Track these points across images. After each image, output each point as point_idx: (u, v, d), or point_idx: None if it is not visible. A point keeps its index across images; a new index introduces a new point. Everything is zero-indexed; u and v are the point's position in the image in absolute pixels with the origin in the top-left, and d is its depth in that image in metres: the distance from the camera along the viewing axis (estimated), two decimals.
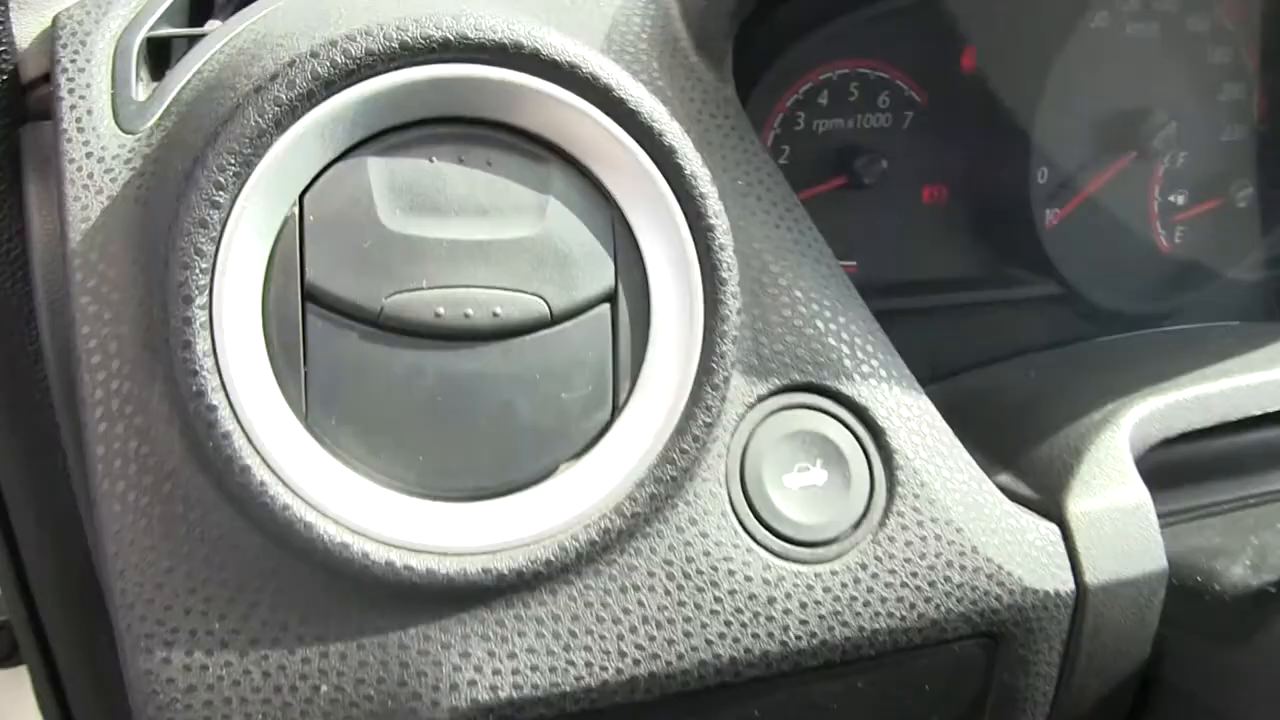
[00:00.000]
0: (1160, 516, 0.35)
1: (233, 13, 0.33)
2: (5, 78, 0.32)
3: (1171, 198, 0.55)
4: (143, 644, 0.28)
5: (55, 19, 0.32)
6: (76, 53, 0.31)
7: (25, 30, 0.34)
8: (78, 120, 0.30)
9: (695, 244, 0.30)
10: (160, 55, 0.34)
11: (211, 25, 0.35)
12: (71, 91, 0.31)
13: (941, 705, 0.34)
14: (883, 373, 0.33)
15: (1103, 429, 0.36)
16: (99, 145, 0.30)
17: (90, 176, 0.30)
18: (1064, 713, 0.36)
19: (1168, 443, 0.38)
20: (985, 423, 0.38)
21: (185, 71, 0.31)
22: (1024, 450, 0.37)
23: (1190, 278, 0.55)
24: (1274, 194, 0.55)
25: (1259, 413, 0.38)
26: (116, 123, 0.30)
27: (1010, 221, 0.52)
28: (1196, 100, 0.55)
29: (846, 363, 0.32)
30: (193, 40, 0.32)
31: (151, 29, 0.32)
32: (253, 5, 0.33)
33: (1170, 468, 0.40)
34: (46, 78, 0.33)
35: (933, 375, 0.47)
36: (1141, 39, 0.53)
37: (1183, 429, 0.37)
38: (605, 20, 0.33)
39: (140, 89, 0.31)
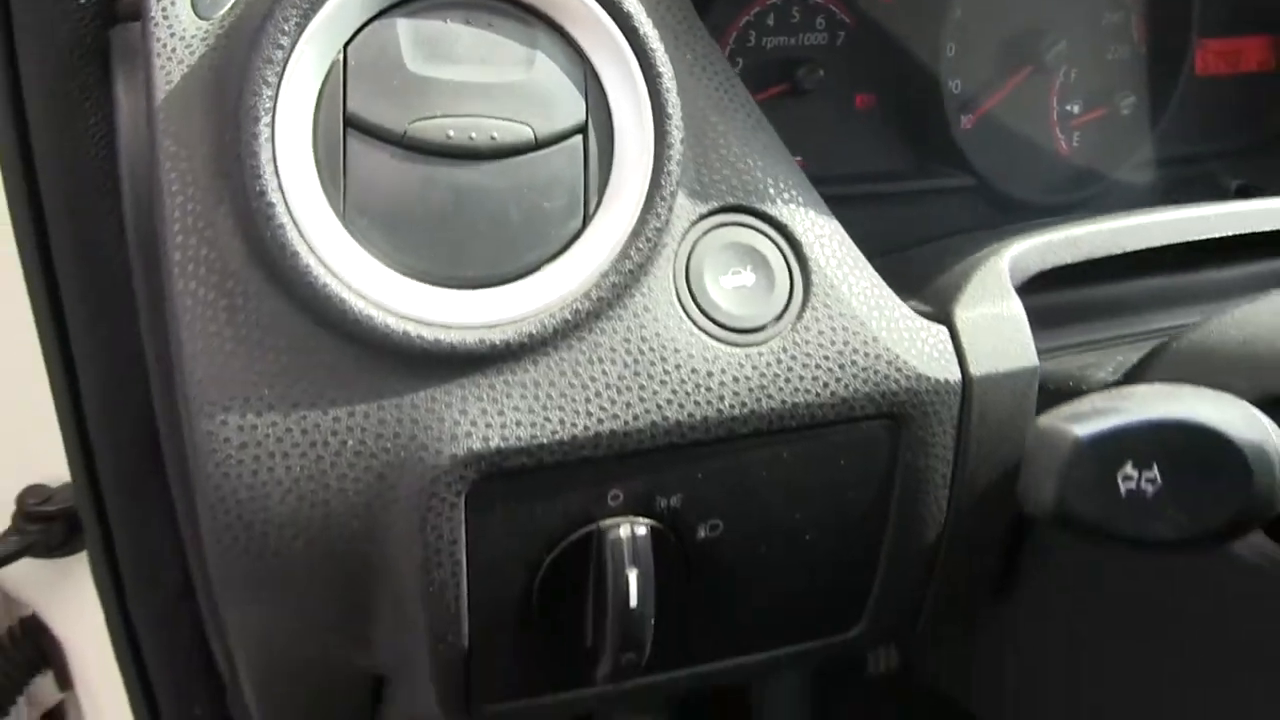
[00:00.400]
0: (1043, 351, 0.43)
1: None
2: None
3: (1068, 106, 0.63)
4: (205, 410, 0.35)
5: None
6: None
7: None
8: (163, 12, 0.38)
9: (649, 89, 0.38)
10: None
11: None
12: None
13: (856, 482, 0.41)
14: (801, 200, 0.40)
15: (986, 260, 0.44)
16: (181, 29, 0.37)
17: (173, 52, 0.37)
18: (962, 497, 0.43)
19: (1051, 286, 0.46)
20: (896, 268, 0.46)
21: None
22: (923, 281, 0.45)
23: (1088, 176, 0.64)
24: (1153, 104, 0.65)
25: (1119, 251, 0.46)
26: (195, 13, 0.38)
27: (930, 125, 0.60)
28: (1084, 24, 0.64)
29: (771, 191, 0.40)
30: None
31: None
32: None
33: (1056, 310, 0.48)
34: None
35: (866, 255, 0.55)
36: None
37: (1055, 263, 0.45)
38: None
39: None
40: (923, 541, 0.43)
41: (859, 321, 0.40)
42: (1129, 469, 0.28)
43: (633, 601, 0.36)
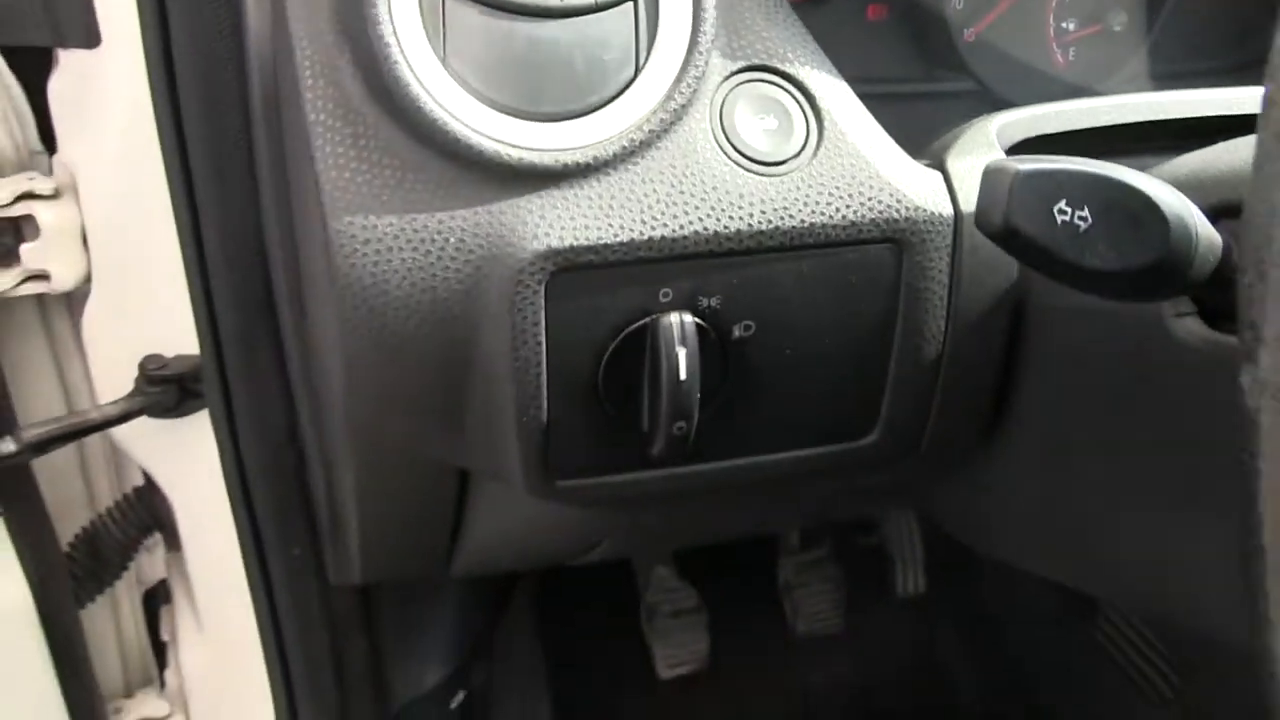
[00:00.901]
0: None
1: None
2: None
3: (1064, 24, 0.71)
4: (336, 214, 0.44)
5: None
6: None
7: None
8: None
9: None
10: None
11: None
12: None
13: (866, 298, 0.50)
14: (816, 64, 0.49)
15: (977, 123, 0.52)
16: None
17: None
18: (958, 320, 0.51)
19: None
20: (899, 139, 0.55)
21: None
22: (923, 144, 0.53)
23: (1083, 87, 0.72)
24: (1144, 22, 0.73)
25: (1108, 123, 0.54)
26: None
27: (935, 36, 0.69)
28: None
29: (791, 55, 0.49)
30: None
31: None
32: None
33: None
34: None
35: None
36: None
37: (1039, 131, 0.53)
38: None
39: None
40: (925, 358, 0.51)
41: (865, 160, 0.48)
42: (1064, 205, 0.36)
43: (682, 374, 0.45)
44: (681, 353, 0.45)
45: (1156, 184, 0.37)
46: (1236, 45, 0.78)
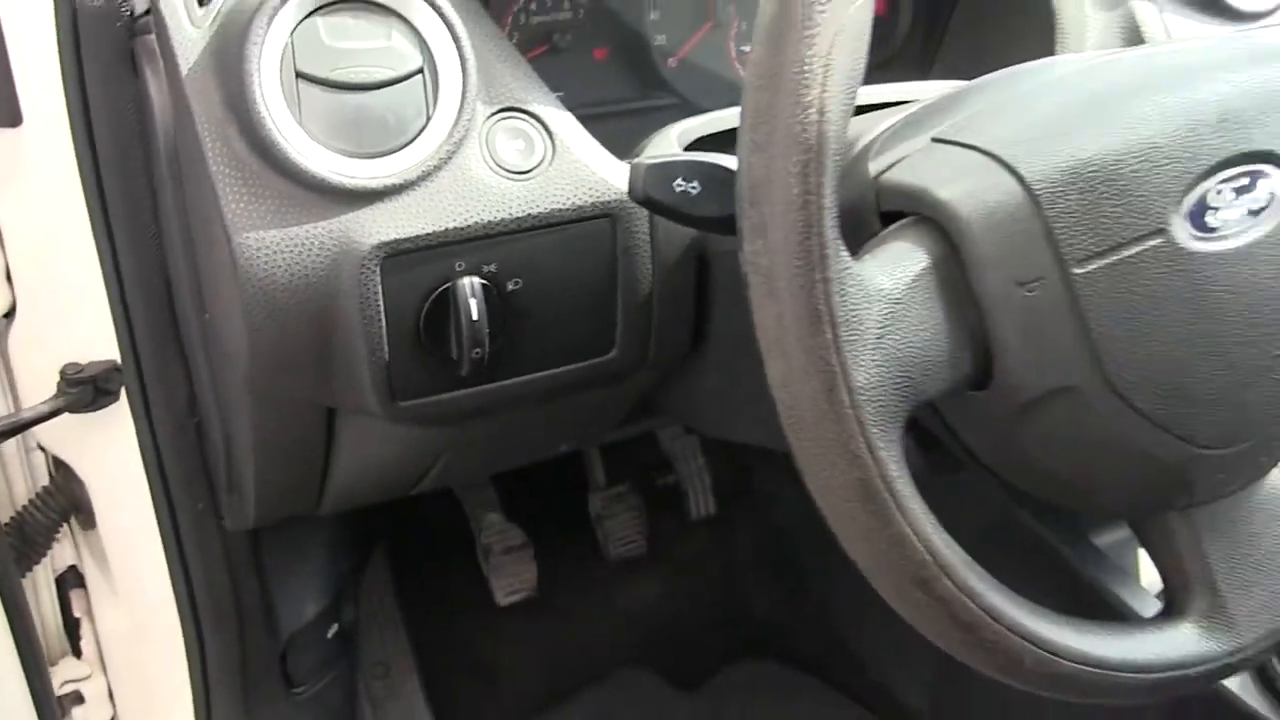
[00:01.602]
0: None
1: None
2: (128, 17, 0.72)
3: (742, 48, 0.99)
4: (236, 230, 0.65)
5: None
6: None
7: None
8: (176, 27, 0.69)
9: (456, 49, 0.71)
10: None
11: None
12: (167, 16, 0.70)
13: (596, 255, 0.73)
14: (548, 101, 0.74)
15: (664, 130, 0.78)
16: (186, 35, 0.69)
17: (186, 47, 0.68)
18: (660, 267, 0.76)
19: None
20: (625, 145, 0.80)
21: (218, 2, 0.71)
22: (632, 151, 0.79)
23: None
24: None
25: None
26: (192, 25, 0.70)
27: (647, 65, 0.95)
28: None
29: (530, 98, 0.73)
30: None
31: None
32: None
33: None
34: (148, 11, 0.72)
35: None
36: None
37: (710, 130, 0.79)
38: None
39: (200, 12, 0.70)
40: (641, 294, 0.76)
41: (583, 164, 0.73)
42: (679, 180, 0.62)
43: (474, 316, 0.69)
44: (472, 302, 0.69)
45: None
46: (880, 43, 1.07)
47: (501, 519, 1.42)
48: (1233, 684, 0.89)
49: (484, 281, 0.70)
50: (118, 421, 0.88)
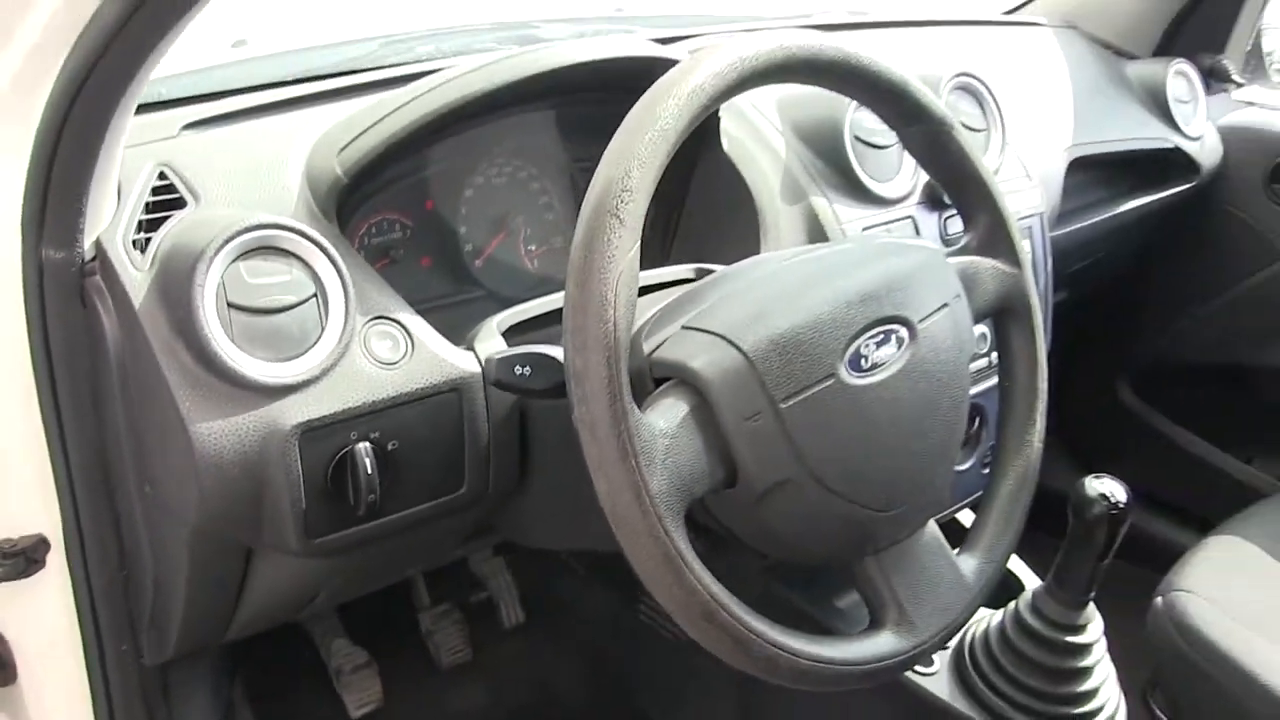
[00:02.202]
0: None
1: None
2: (80, 263, 0.97)
3: (530, 246, 1.28)
4: (192, 421, 0.86)
5: (98, 239, 0.96)
6: (109, 247, 0.95)
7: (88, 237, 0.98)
8: (124, 270, 0.93)
9: (338, 278, 0.96)
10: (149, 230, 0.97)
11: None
12: (115, 263, 0.95)
13: (448, 419, 0.99)
14: (400, 307, 1.00)
15: (487, 321, 1.08)
16: (132, 275, 0.92)
17: (133, 284, 0.92)
18: (496, 422, 1.05)
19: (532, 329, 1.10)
20: (451, 329, 1.08)
21: (155, 246, 0.96)
22: (464, 333, 1.08)
23: (548, 280, 1.28)
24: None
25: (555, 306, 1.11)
26: (135, 270, 0.95)
27: (459, 268, 1.21)
28: (533, 208, 1.29)
29: (389, 306, 0.98)
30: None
31: (135, 231, 0.97)
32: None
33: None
34: (94, 258, 0.97)
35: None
36: (501, 184, 1.27)
37: (519, 319, 1.10)
38: (291, 202, 1.01)
39: (140, 257, 0.96)
40: (481, 444, 1.00)
41: (434, 353, 0.98)
42: (517, 367, 0.89)
43: (368, 470, 0.93)
44: (366, 461, 0.92)
45: (556, 350, 0.93)
46: None
47: (347, 642, 1.65)
48: (942, 690, 1.12)
49: (373, 445, 0.93)
50: (43, 585, 1.00)
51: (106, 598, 1.07)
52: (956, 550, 0.98)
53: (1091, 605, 1.06)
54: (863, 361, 0.86)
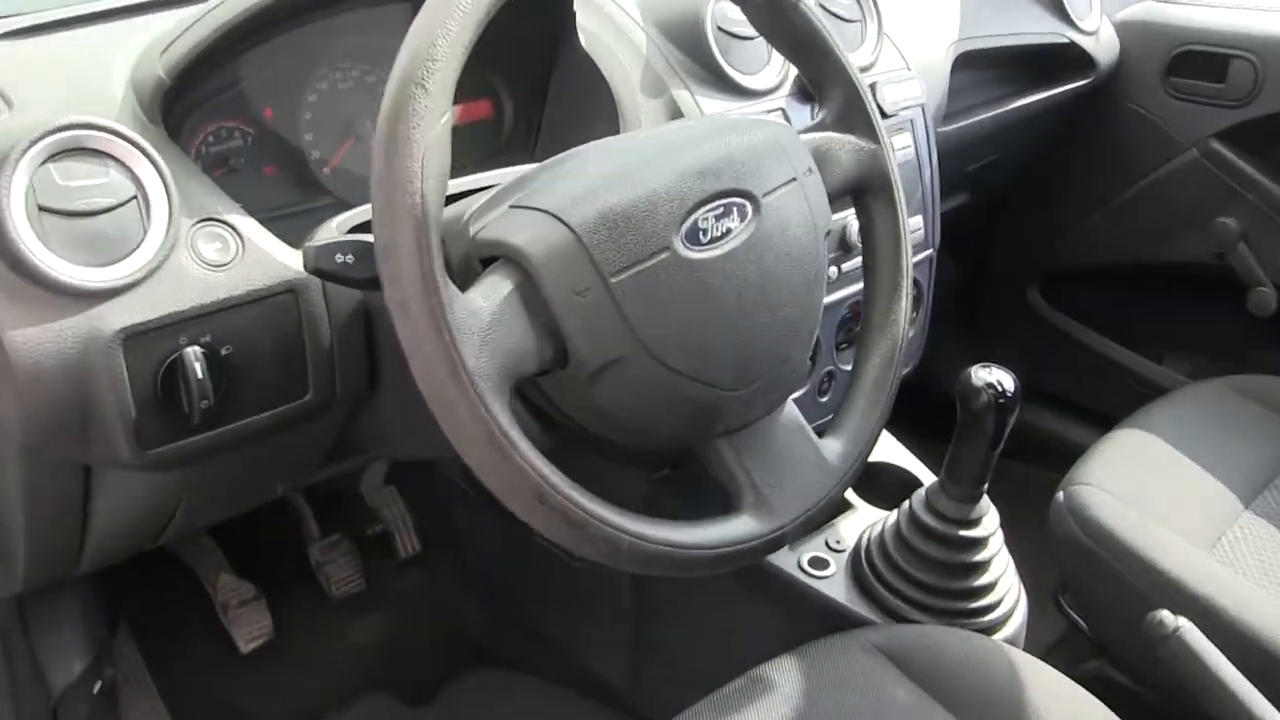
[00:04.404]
0: None
1: None
2: None
3: None
4: (6, 330, 0.88)
5: None
6: None
7: None
8: None
9: (160, 178, 0.96)
10: None
11: None
12: None
13: (285, 321, 1.00)
14: (233, 209, 0.98)
15: (325, 224, 1.07)
16: None
17: None
18: (338, 324, 1.04)
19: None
20: (298, 237, 1.08)
21: None
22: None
23: None
24: None
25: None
26: None
27: (308, 175, 1.18)
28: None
29: (219, 209, 0.98)
30: None
31: None
32: None
33: None
34: None
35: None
36: (347, 88, 1.26)
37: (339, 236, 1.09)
38: (114, 107, 1.00)
39: None
40: (324, 347, 1.00)
41: (268, 255, 0.98)
42: (338, 255, 0.90)
43: (199, 375, 0.93)
44: (196, 366, 0.91)
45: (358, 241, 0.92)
46: (492, 137, 1.38)
47: (233, 577, 1.66)
48: (839, 593, 1.13)
49: (203, 350, 0.91)
50: None
51: None
52: (819, 434, 0.98)
53: (986, 499, 1.06)
54: (701, 235, 0.86)
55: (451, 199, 0.83)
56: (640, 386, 0.85)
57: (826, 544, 1.19)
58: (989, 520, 1.07)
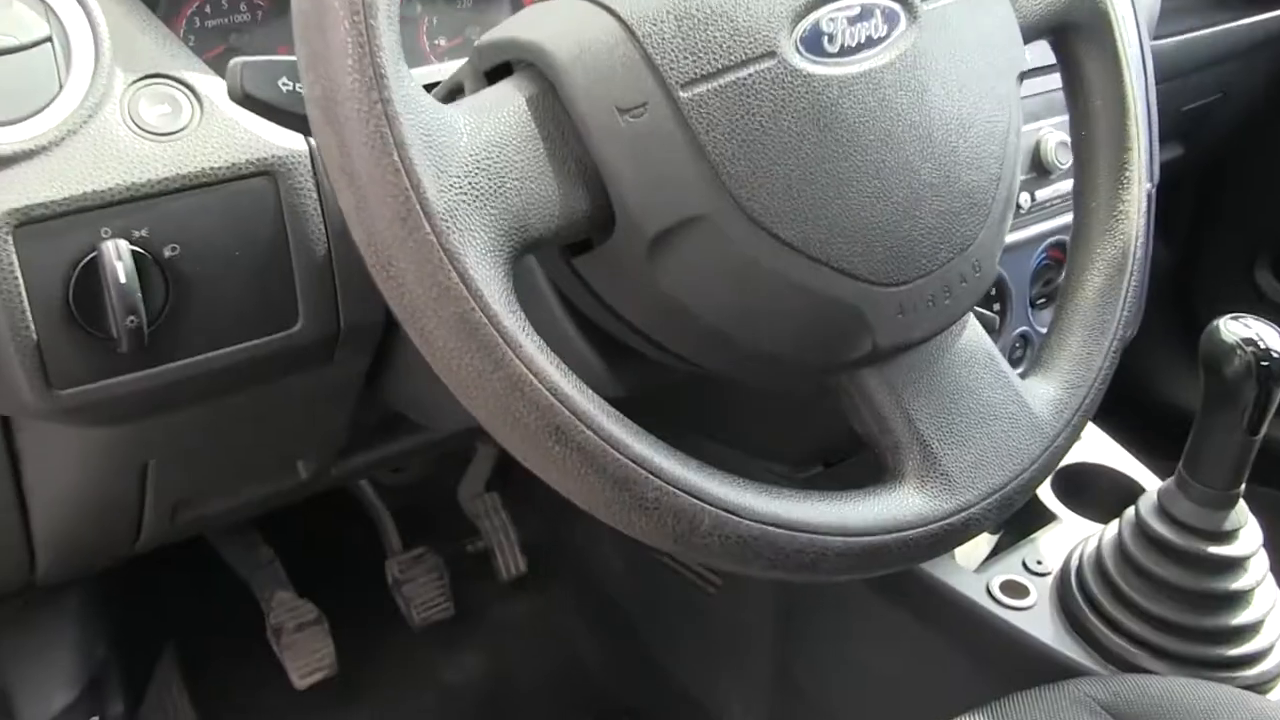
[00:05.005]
0: None
1: None
2: None
3: (437, 41, 1.02)
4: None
5: None
6: None
7: None
8: None
9: (87, 17, 0.72)
10: None
11: None
12: None
13: (260, 217, 0.74)
14: (201, 69, 0.75)
15: None
16: None
17: None
18: (335, 227, 0.77)
19: None
20: None
21: None
22: None
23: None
24: None
25: None
26: None
27: None
28: None
29: (174, 65, 0.75)
30: None
31: None
32: None
33: None
34: None
35: None
36: None
37: None
38: None
39: None
40: (317, 257, 0.77)
41: (236, 123, 0.74)
42: (285, 79, 0.63)
43: (121, 279, 0.68)
44: (119, 265, 0.68)
45: None
46: None
47: (292, 595, 1.39)
48: (1043, 631, 0.91)
49: (134, 247, 0.70)
50: None
51: None
52: (1019, 370, 0.73)
53: (1243, 505, 0.83)
54: (826, 41, 0.60)
55: None
56: (728, 262, 0.59)
57: (1024, 565, 0.98)
58: (1249, 535, 0.84)
